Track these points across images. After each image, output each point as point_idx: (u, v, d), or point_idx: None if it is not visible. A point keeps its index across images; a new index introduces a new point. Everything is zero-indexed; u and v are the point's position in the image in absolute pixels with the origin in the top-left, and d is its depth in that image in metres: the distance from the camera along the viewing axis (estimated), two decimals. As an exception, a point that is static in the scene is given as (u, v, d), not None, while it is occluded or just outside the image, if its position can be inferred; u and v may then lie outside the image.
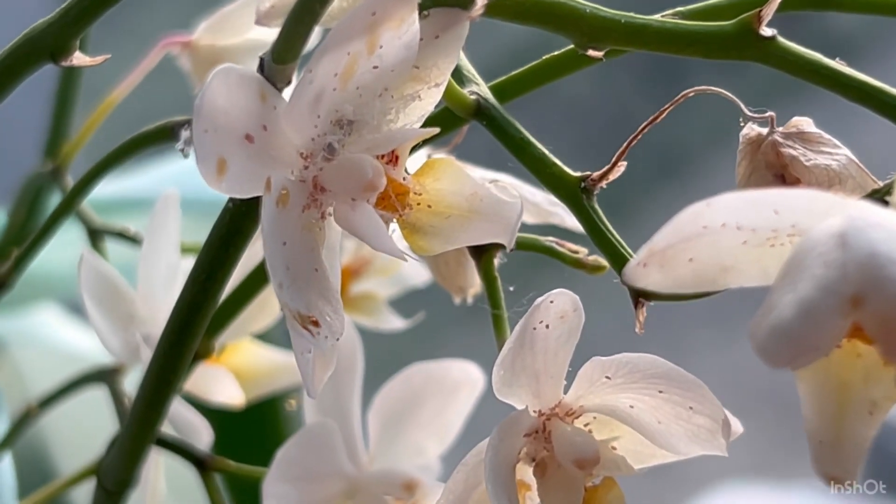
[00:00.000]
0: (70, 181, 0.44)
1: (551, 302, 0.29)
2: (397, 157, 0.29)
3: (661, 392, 0.31)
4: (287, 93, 0.28)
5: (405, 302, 0.41)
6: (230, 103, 0.27)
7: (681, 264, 0.27)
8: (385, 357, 0.39)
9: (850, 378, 0.26)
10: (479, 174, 0.36)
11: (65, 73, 0.48)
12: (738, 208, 0.26)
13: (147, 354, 0.34)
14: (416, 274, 0.40)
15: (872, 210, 0.24)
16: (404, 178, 0.28)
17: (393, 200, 0.29)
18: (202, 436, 0.39)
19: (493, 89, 0.33)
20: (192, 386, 0.40)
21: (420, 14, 0.28)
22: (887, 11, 0.32)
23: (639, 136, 0.30)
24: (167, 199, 0.37)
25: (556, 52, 0.34)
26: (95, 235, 0.44)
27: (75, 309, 0.60)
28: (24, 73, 0.33)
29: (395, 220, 0.29)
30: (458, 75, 0.32)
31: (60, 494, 0.47)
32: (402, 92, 0.29)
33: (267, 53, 0.27)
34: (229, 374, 0.41)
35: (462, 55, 0.32)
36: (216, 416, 0.45)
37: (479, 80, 0.32)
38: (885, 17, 0.33)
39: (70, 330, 0.58)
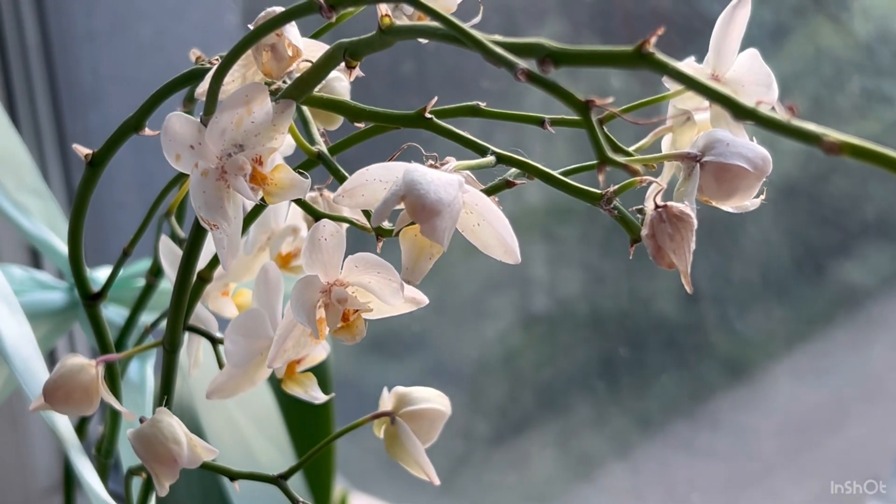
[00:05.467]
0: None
1: (324, 226, 0.40)
2: (262, 161, 0.39)
3: (378, 273, 0.40)
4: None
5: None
6: (182, 130, 0.38)
7: (358, 196, 0.39)
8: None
9: (422, 244, 0.38)
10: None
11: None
12: (380, 172, 0.38)
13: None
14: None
15: (419, 167, 0.36)
16: (266, 171, 0.39)
17: (259, 180, 0.39)
18: (213, 325, 0.50)
19: (330, 148, 0.44)
20: (215, 307, 0.52)
21: (273, 99, 0.39)
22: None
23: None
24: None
25: (360, 129, 0.44)
26: (175, 239, 0.55)
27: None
28: (123, 141, 0.44)
29: (261, 189, 0.39)
30: (311, 137, 0.44)
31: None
32: (266, 134, 0.39)
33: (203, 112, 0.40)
34: (232, 304, 0.52)
35: (314, 125, 0.45)
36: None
37: (321, 141, 0.44)
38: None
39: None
